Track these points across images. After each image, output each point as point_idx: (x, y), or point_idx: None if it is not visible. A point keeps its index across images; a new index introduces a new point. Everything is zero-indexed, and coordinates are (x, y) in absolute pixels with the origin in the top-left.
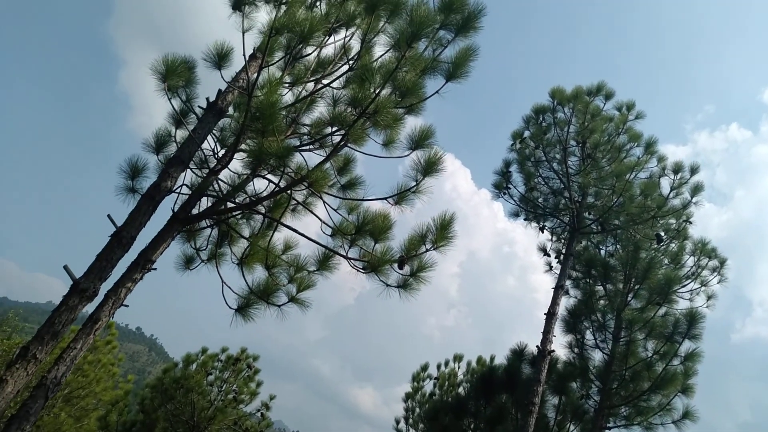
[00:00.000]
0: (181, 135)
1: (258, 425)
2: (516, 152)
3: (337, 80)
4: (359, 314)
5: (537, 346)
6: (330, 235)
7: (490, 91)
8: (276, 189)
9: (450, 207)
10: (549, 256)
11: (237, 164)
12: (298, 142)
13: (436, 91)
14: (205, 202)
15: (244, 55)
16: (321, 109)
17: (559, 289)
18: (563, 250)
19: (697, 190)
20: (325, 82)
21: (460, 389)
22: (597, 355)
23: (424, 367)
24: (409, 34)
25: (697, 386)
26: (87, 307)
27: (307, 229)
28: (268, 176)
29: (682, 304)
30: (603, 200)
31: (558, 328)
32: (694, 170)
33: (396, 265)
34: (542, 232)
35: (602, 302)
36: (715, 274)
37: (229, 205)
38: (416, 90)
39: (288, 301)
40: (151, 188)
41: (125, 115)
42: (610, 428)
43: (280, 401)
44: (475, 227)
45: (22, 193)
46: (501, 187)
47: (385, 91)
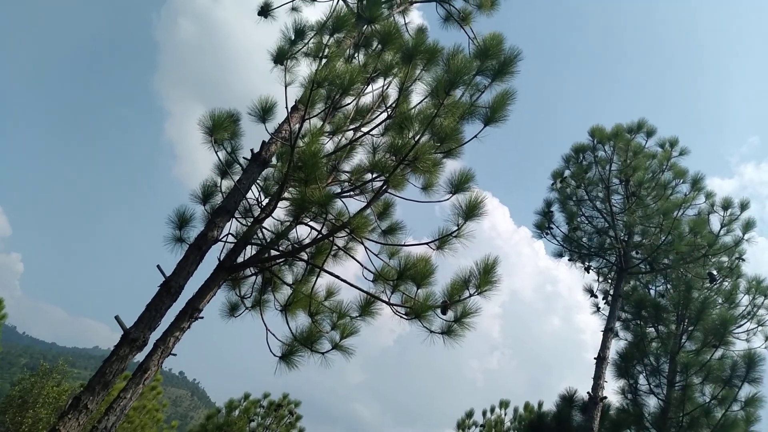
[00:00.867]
0: (227, 185)
1: None
2: (557, 191)
3: (376, 128)
4: (399, 356)
5: (588, 392)
6: (372, 281)
7: (525, 127)
8: (318, 236)
9: (489, 246)
10: (596, 297)
11: (280, 212)
12: (339, 189)
13: (475, 136)
14: (249, 250)
15: (286, 107)
16: (360, 156)
17: (609, 332)
18: (611, 291)
19: (748, 226)
20: (364, 129)
21: None
22: (651, 401)
23: (469, 414)
24: (447, 83)
25: None
26: (137, 356)
27: (348, 273)
28: (311, 223)
29: (739, 346)
30: (650, 239)
31: (609, 373)
32: (744, 206)
33: (439, 311)
34: (588, 273)
35: (655, 345)
36: None
37: (273, 252)
38: (455, 135)
39: (332, 348)
40: (199, 238)
41: (170, 164)
42: None
43: None
44: (516, 266)
45: (70, 240)
46: (543, 227)
47: (424, 138)
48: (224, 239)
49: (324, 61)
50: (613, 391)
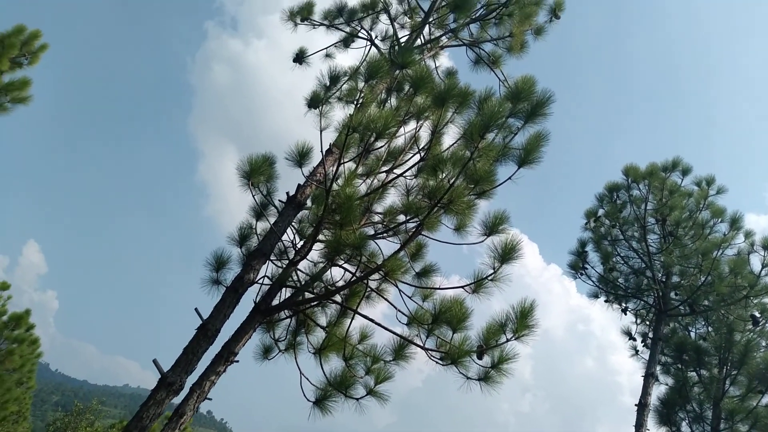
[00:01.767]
0: (262, 227)
1: None
2: (591, 231)
3: (408, 170)
4: (428, 398)
5: None
6: (406, 324)
7: (552, 162)
8: (352, 279)
9: (519, 284)
10: (634, 340)
11: (314, 253)
12: (372, 231)
13: (509, 178)
14: (284, 293)
15: (321, 150)
16: (392, 197)
17: (650, 377)
18: (650, 334)
19: None
20: (397, 171)
21: None
22: None
23: None
24: (481, 126)
25: None
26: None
27: (376, 312)
28: (345, 265)
29: None
30: (689, 279)
31: (651, 420)
32: None
33: (475, 356)
34: (625, 314)
35: (697, 390)
36: None
37: (308, 295)
38: (489, 177)
39: (366, 394)
40: (235, 281)
41: (203, 203)
42: None
43: None
44: (547, 304)
45: (103, 278)
46: (577, 268)
47: (458, 180)
48: (260, 282)
49: (358, 105)
50: None
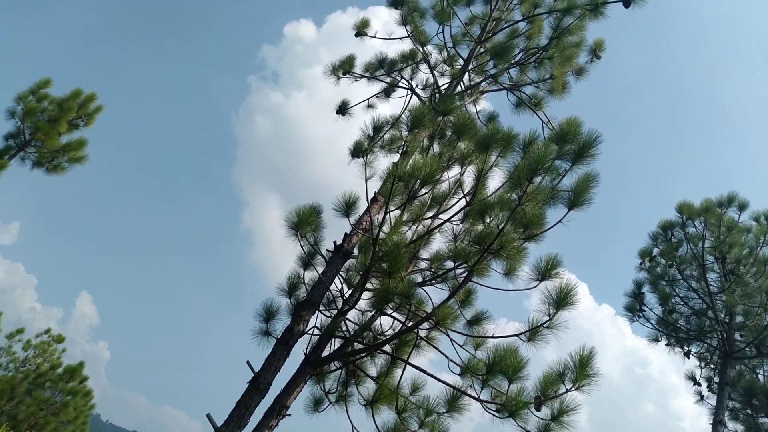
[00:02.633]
0: (310, 276)
1: None
2: (646, 271)
3: (455, 215)
4: None
5: None
6: (459, 374)
7: (599, 200)
8: (402, 328)
9: (571, 325)
10: (699, 385)
11: (362, 302)
12: (420, 278)
13: (559, 221)
14: (333, 343)
15: (367, 199)
16: (438, 243)
17: (718, 425)
18: (715, 378)
19: None
20: (442, 217)
21: None
22: None
23: None
24: (529, 171)
25: None
26: None
27: (427, 360)
28: (393, 314)
29: None
30: (754, 319)
31: None
32: None
33: (533, 407)
34: (688, 358)
35: None
36: None
37: (357, 346)
38: (538, 221)
39: None
40: (285, 332)
41: (248, 251)
42: None
43: None
44: (601, 346)
45: (152, 328)
46: (634, 310)
47: (507, 225)
48: (310, 332)
49: (402, 153)
50: None
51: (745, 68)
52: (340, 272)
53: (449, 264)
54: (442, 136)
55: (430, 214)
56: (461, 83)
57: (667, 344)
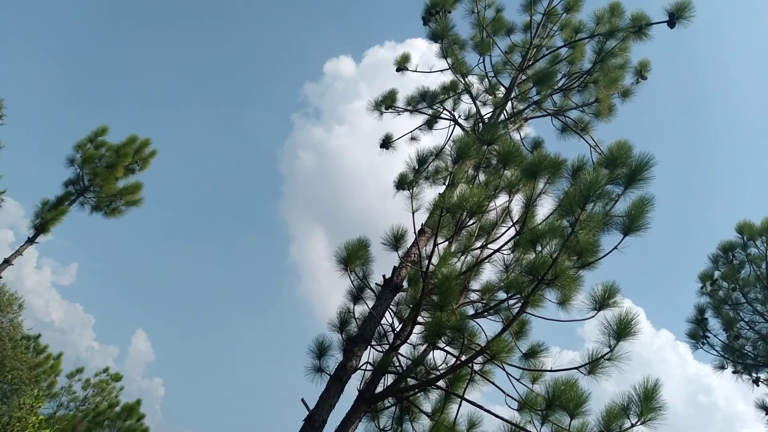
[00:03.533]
0: (360, 310)
1: None
2: (708, 295)
3: (505, 244)
4: None
5: None
6: (516, 409)
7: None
8: (456, 363)
9: (629, 354)
10: None
11: (414, 336)
12: (472, 310)
13: (615, 247)
14: (386, 378)
15: (414, 231)
16: (488, 273)
17: None
18: None
19: None
20: (492, 247)
21: None
22: None
23: None
24: (581, 198)
25: None
26: None
27: (481, 394)
28: (446, 348)
29: None
30: None
31: None
32: None
33: None
34: (757, 386)
35: None
36: None
37: (411, 381)
38: (592, 249)
39: None
40: (338, 369)
41: (295, 284)
42: None
43: None
44: (662, 374)
45: (203, 363)
46: (697, 337)
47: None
48: (362, 368)
49: (449, 185)
50: None
51: None
52: (391, 306)
53: (501, 295)
54: (487, 165)
55: (479, 244)
56: (504, 111)
57: (734, 372)
